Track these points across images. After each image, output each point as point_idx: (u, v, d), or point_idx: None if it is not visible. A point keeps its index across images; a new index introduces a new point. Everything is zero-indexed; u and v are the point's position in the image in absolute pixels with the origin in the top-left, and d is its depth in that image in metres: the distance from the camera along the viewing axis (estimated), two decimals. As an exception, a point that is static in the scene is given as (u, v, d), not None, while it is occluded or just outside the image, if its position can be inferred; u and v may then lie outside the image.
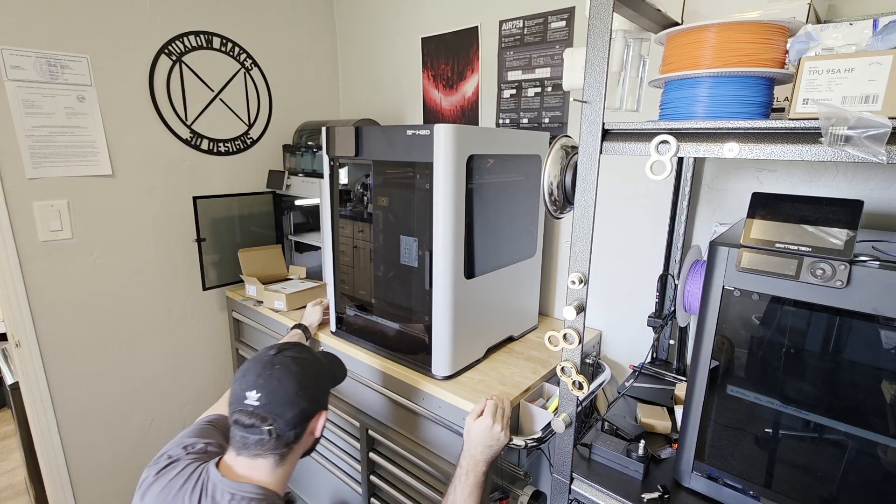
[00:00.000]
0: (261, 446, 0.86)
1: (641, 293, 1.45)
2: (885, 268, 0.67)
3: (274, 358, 0.91)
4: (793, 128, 0.65)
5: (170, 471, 0.89)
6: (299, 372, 0.90)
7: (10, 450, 2.60)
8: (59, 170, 1.58)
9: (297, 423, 0.88)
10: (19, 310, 1.55)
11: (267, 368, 0.89)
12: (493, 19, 1.68)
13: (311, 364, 0.94)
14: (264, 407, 0.85)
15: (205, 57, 1.87)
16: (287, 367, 0.90)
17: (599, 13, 0.74)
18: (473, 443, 1.02)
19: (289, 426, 0.87)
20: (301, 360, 0.93)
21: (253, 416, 0.85)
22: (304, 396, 0.89)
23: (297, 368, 0.90)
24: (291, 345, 0.98)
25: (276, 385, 0.87)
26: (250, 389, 0.86)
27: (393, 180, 1.31)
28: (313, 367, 0.94)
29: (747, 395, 0.82)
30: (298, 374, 0.90)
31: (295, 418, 0.87)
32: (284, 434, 0.87)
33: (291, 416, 0.87)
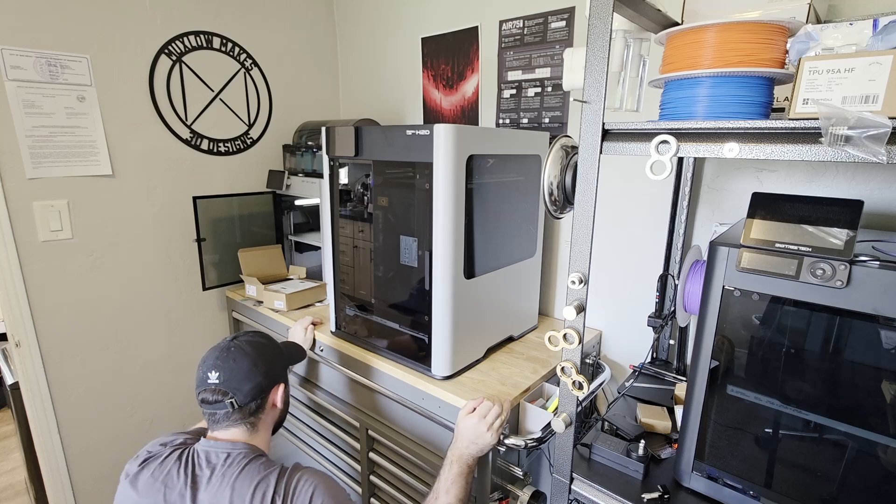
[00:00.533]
0: (228, 419, 0.99)
1: (641, 293, 1.45)
2: (885, 268, 0.67)
3: (230, 343, 1.04)
4: (793, 128, 0.65)
5: (153, 461, 0.97)
6: (252, 352, 1.03)
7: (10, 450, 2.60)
8: (59, 170, 1.58)
9: (256, 395, 1.00)
10: (19, 310, 1.55)
11: (224, 352, 1.02)
12: (493, 19, 1.68)
13: (263, 345, 1.07)
14: (224, 384, 0.98)
15: (205, 57, 1.87)
16: (241, 348, 1.03)
17: (599, 13, 0.74)
18: (460, 436, 1.07)
19: (247, 397, 0.99)
20: (254, 342, 1.06)
21: (216, 393, 0.98)
22: (258, 371, 1.01)
23: (251, 349, 1.03)
24: (247, 332, 1.10)
25: (233, 364, 1.00)
26: (210, 371, 0.99)
27: (393, 180, 1.31)
28: (265, 348, 1.07)
29: (747, 395, 0.82)
30: (252, 354, 1.03)
31: (252, 391, 1.00)
32: (246, 405, 0.99)
33: (248, 388, 0.99)
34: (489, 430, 1.04)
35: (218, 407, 0.98)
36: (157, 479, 0.93)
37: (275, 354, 1.09)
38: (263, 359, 1.04)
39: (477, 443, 1.05)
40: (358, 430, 1.45)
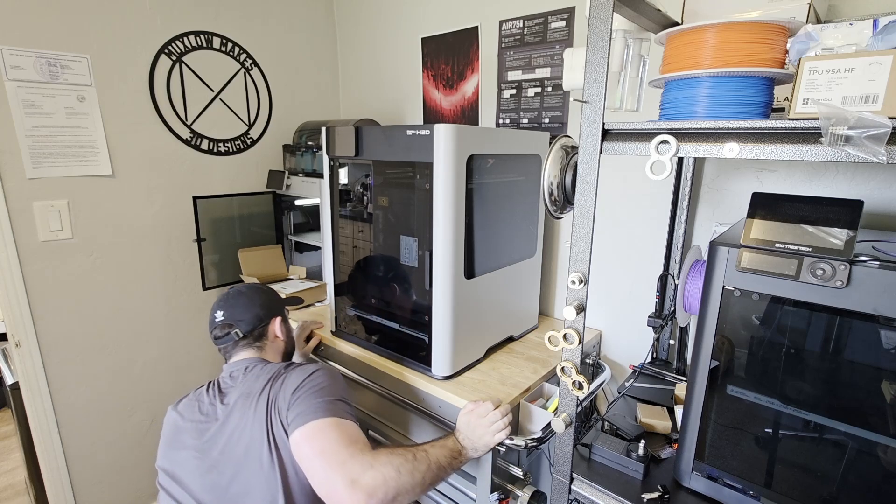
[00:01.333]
0: (237, 346, 1.16)
1: (641, 293, 1.45)
2: (885, 268, 0.67)
3: (230, 290, 1.24)
4: (793, 128, 0.65)
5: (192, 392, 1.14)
6: (248, 291, 1.23)
7: (10, 450, 2.60)
8: (59, 170, 1.58)
9: (256, 323, 1.17)
10: (19, 310, 1.55)
11: (226, 295, 1.21)
12: (493, 19, 1.68)
13: (258, 287, 1.26)
14: (228, 318, 1.16)
15: (205, 57, 1.87)
16: (239, 290, 1.22)
17: (599, 13, 0.74)
18: (461, 429, 1.08)
19: (249, 325, 1.16)
20: (251, 286, 1.26)
21: (223, 328, 1.16)
22: (255, 304, 1.19)
23: (247, 290, 1.23)
24: (244, 283, 1.30)
25: (234, 301, 1.19)
26: (217, 311, 1.18)
27: (393, 180, 1.31)
28: (260, 289, 1.26)
29: (747, 395, 0.82)
30: (248, 293, 1.22)
31: (252, 319, 1.17)
32: (249, 332, 1.16)
33: (249, 317, 1.17)
34: (487, 430, 1.04)
35: (227, 339, 1.15)
36: (193, 400, 1.10)
37: (269, 294, 1.27)
38: (259, 296, 1.22)
39: (472, 439, 1.05)
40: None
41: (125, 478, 1.85)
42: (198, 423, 1.05)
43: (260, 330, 1.18)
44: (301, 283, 1.88)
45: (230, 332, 1.15)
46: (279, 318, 1.23)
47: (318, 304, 1.82)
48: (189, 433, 1.05)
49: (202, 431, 1.03)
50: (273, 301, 1.25)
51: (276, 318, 1.22)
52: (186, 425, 1.06)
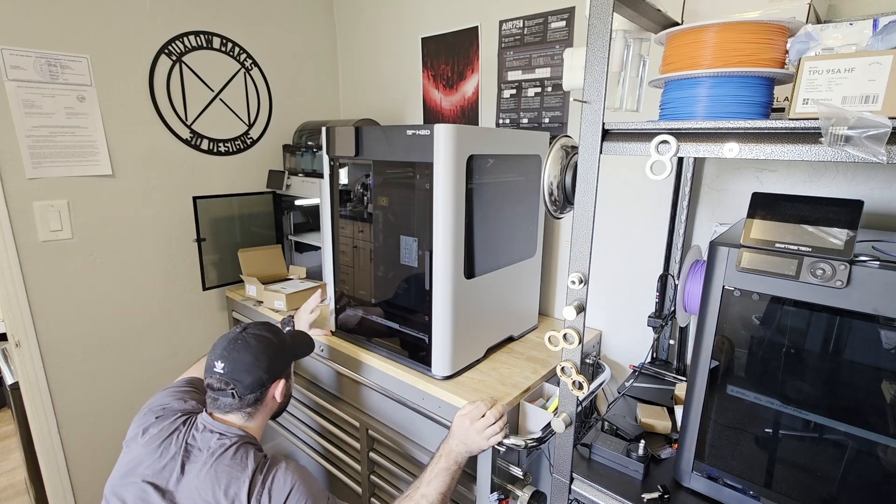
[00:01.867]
0: (229, 406, 1.05)
1: (641, 293, 1.45)
2: (885, 268, 0.67)
3: (238, 335, 1.09)
4: (793, 128, 0.65)
5: (164, 419, 1.06)
6: (256, 346, 1.07)
7: (10, 450, 2.60)
8: (59, 170, 1.58)
9: (255, 388, 1.05)
10: (19, 310, 1.55)
11: (231, 343, 1.07)
12: (493, 19, 1.68)
13: (268, 340, 1.10)
14: (227, 374, 1.04)
15: (205, 57, 1.87)
16: (246, 342, 1.07)
17: (599, 13, 0.74)
18: (453, 433, 1.09)
19: (247, 390, 1.04)
20: (260, 336, 1.10)
21: (220, 382, 1.04)
22: (259, 366, 1.06)
23: (255, 343, 1.08)
24: (257, 324, 1.14)
25: (237, 356, 1.05)
26: (217, 360, 1.05)
27: (393, 180, 1.31)
28: (270, 343, 1.10)
29: (747, 395, 0.82)
30: (256, 348, 1.07)
31: (253, 384, 1.05)
32: (245, 396, 1.05)
33: (249, 382, 1.04)
34: (479, 435, 1.05)
35: (221, 394, 1.04)
36: (159, 439, 1.01)
37: (278, 350, 1.11)
38: (266, 353, 1.08)
39: (466, 443, 1.06)
40: (358, 430, 1.45)
41: (125, 478, 1.85)
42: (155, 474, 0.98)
43: (258, 395, 1.06)
44: (301, 283, 1.88)
45: (225, 391, 1.04)
46: (283, 381, 1.12)
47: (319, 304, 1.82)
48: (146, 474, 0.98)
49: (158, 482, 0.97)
50: (281, 359, 1.12)
51: (279, 381, 1.11)
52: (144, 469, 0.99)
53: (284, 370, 1.13)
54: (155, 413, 1.08)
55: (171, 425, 1.04)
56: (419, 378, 1.26)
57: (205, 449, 0.99)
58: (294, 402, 1.70)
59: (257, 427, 1.10)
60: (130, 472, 1.00)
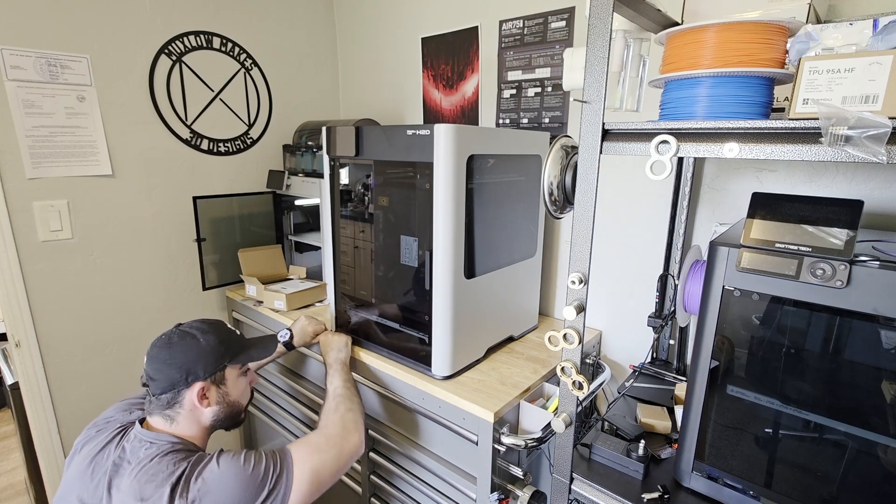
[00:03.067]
0: (150, 404, 1.01)
1: (641, 293, 1.45)
2: (885, 268, 0.67)
3: (170, 330, 1.06)
4: (793, 128, 0.65)
5: (102, 431, 1.02)
6: (178, 343, 1.02)
7: (10, 450, 2.60)
8: (59, 170, 1.58)
9: (166, 389, 0.99)
10: (19, 310, 1.55)
11: (158, 339, 1.04)
12: (493, 19, 1.68)
13: (190, 339, 1.03)
14: (146, 371, 1.01)
15: (205, 57, 1.87)
16: (169, 339, 1.03)
17: (599, 13, 0.74)
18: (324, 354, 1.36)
19: (159, 389, 0.99)
20: (186, 334, 1.04)
21: (143, 377, 1.02)
22: (171, 365, 1.00)
23: (177, 340, 1.03)
24: (196, 320, 1.09)
25: (156, 353, 1.01)
26: (147, 355, 1.03)
27: (393, 180, 1.31)
28: (191, 342, 1.03)
29: (747, 395, 0.82)
30: (176, 346, 1.02)
31: (163, 382, 0.99)
32: (158, 396, 1.00)
33: (160, 379, 0.99)
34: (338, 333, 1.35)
35: (146, 392, 1.02)
36: (91, 455, 0.97)
37: (201, 351, 1.02)
38: (185, 352, 1.01)
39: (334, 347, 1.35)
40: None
41: (125, 478, 1.85)
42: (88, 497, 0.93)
43: (171, 396, 0.99)
44: (301, 283, 1.88)
45: (147, 388, 1.00)
46: (202, 385, 1.01)
47: (318, 304, 1.82)
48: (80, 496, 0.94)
49: None
50: (204, 359, 1.02)
51: (196, 385, 1.00)
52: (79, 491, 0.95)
53: (208, 373, 1.02)
54: (97, 427, 1.03)
55: (105, 439, 0.99)
56: (419, 378, 1.26)
57: (133, 461, 0.93)
58: (294, 401, 1.70)
59: (192, 434, 1.01)
60: (66, 494, 0.96)
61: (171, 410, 1.00)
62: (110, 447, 0.97)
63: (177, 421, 1.01)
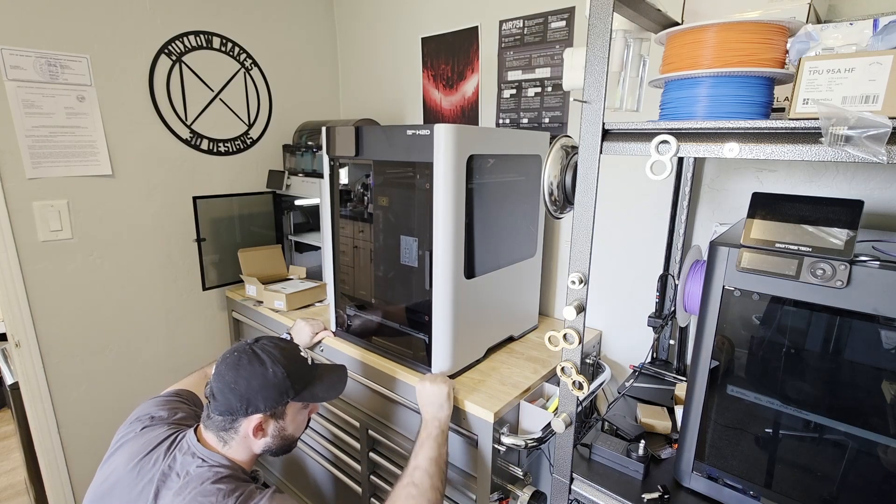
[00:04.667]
0: (207, 418, 0.96)
1: (641, 293, 1.45)
2: (885, 268, 0.67)
3: (243, 345, 0.98)
4: (793, 128, 0.65)
5: (150, 430, 0.99)
6: (246, 368, 0.94)
7: (10, 450, 2.60)
8: (59, 170, 1.58)
9: (224, 412, 0.93)
10: (19, 310, 1.55)
11: (231, 352, 0.97)
12: (493, 19, 1.68)
13: (259, 366, 0.95)
14: (211, 385, 0.95)
15: (205, 57, 1.87)
16: (240, 357, 0.95)
17: (599, 13, 0.74)
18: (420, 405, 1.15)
19: (217, 410, 0.93)
20: (256, 357, 0.96)
21: (207, 388, 0.96)
22: (233, 393, 0.92)
23: (246, 363, 0.95)
24: (270, 343, 1.00)
25: (223, 369, 0.95)
26: (215, 367, 0.96)
27: (393, 180, 1.31)
28: (259, 370, 0.94)
29: (747, 395, 0.82)
30: (244, 370, 0.94)
31: (222, 406, 0.93)
32: (214, 417, 0.94)
33: (221, 401, 0.93)
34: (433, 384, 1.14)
35: (207, 404, 0.96)
36: (138, 455, 0.95)
37: (267, 383, 0.94)
38: (247, 381, 0.93)
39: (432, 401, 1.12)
40: (358, 430, 1.45)
41: (125, 478, 1.85)
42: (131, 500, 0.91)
43: (228, 422, 0.93)
44: (301, 283, 1.88)
45: (209, 401, 0.95)
46: (260, 417, 0.94)
47: (318, 304, 1.82)
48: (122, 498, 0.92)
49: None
50: (267, 393, 0.94)
51: (254, 417, 0.93)
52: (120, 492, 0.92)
53: (269, 407, 0.94)
54: (142, 423, 1.01)
55: (154, 440, 0.97)
56: (419, 378, 1.26)
57: (182, 474, 0.91)
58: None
59: (241, 459, 0.97)
60: (107, 493, 0.94)
61: (226, 434, 0.95)
62: (159, 452, 0.94)
63: (229, 444, 0.95)
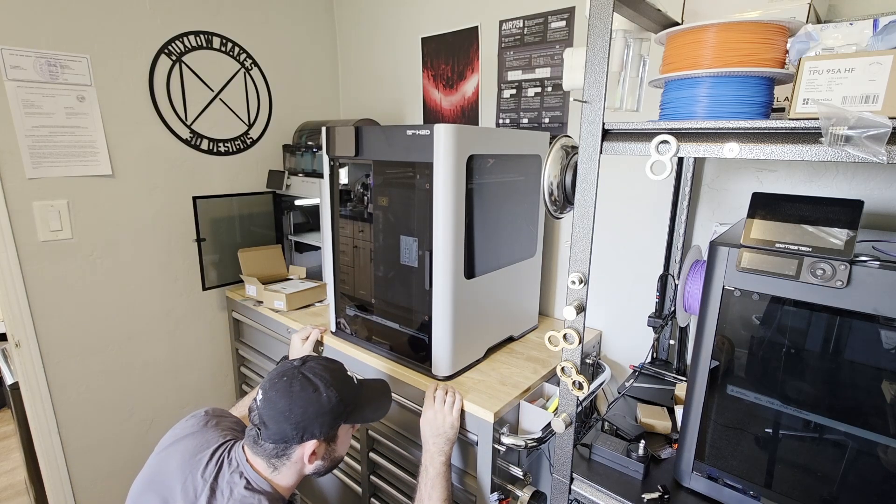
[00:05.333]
0: (255, 444, 0.94)
1: (641, 293, 1.45)
2: (885, 268, 0.67)
3: (291, 369, 0.95)
4: (793, 128, 0.65)
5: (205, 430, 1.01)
6: (299, 394, 0.92)
7: (10, 450, 2.60)
8: (59, 170, 1.58)
9: (278, 440, 0.91)
10: (19, 310, 1.55)
11: (279, 376, 0.94)
12: (493, 19, 1.68)
13: (313, 391, 0.93)
14: (259, 411, 0.92)
15: (205, 57, 1.87)
16: (291, 383, 0.93)
17: (599, 13, 0.74)
18: (425, 437, 1.11)
19: (269, 439, 0.91)
20: (308, 382, 0.94)
21: (253, 415, 0.94)
22: (287, 420, 0.91)
23: (299, 390, 0.92)
24: (319, 361, 1.00)
25: (273, 396, 0.92)
26: (261, 389, 0.94)
27: (393, 180, 1.31)
28: (313, 396, 0.93)
29: (747, 395, 0.82)
30: (296, 396, 0.92)
31: (276, 434, 0.91)
32: (265, 443, 0.92)
33: (274, 430, 0.91)
34: (441, 414, 1.10)
35: (252, 428, 0.94)
36: (194, 456, 0.96)
37: (322, 408, 0.93)
38: (303, 409, 0.91)
39: (439, 433, 1.09)
40: (358, 430, 1.45)
41: (125, 478, 1.85)
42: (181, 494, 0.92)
43: (281, 448, 0.92)
44: (301, 283, 1.88)
45: (255, 426, 0.93)
46: (315, 442, 0.93)
47: (318, 304, 1.82)
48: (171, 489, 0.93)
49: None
50: (323, 418, 0.93)
51: (309, 443, 0.93)
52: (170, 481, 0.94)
53: (324, 432, 0.94)
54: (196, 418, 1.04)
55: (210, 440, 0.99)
56: (419, 378, 1.26)
57: (227, 494, 0.91)
58: None
59: (288, 484, 0.97)
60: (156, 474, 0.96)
61: (277, 461, 0.94)
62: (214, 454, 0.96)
63: (279, 471, 0.95)
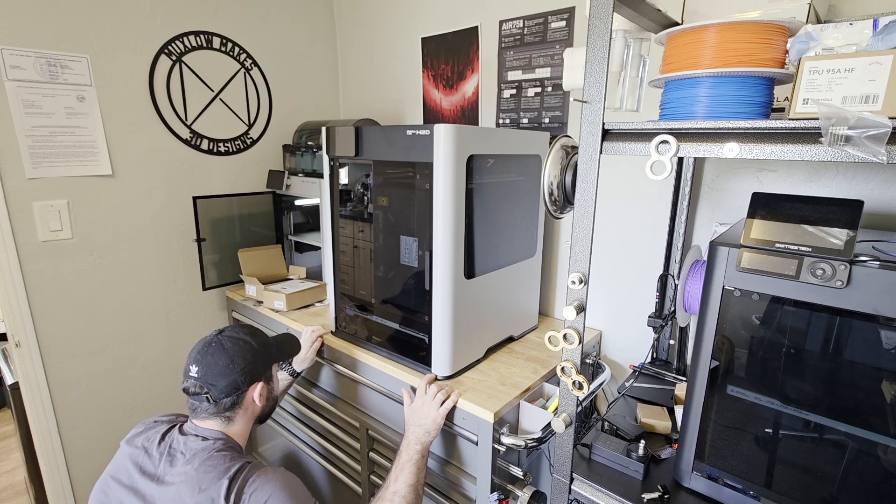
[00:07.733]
0: (206, 411, 1.04)
1: (641, 293, 1.45)
2: (885, 268, 0.67)
3: (213, 338, 1.08)
4: (793, 128, 0.65)
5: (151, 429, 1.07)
6: (232, 349, 1.06)
7: (10, 450, 2.60)
8: (59, 170, 1.58)
9: (230, 392, 1.04)
10: (19, 310, 1.55)
11: (206, 346, 1.06)
12: (493, 19, 1.68)
13: (244, 343, 1.08)
14: (201, 378, 1.03)
15: (205, 57, 1.87)
16: (221, 344, 1.06)
17: (599, 13, 0.74)
18: (407, 424, 1.16)
19: (222, 394, 1.03)
20: (236, 339, 1.08)
21: (195, 386, 1.03)
22: (234, 369, 1.04)
23: (231, 346, 1.06)
24: (235, 327, 1.14)
25: (211, 360, 1.04)
26: (192, 364, 1.04)
27: (393, 180, 1.31)
28: (246, 346, 1.08)
29: (747, 395, 0.82)
30: (231, 351, 1.06)
31: (227, 387, 1.03)
32: (220, 400, 1.04)
33: (223, 385, 1.03)
34: (428, 408, 1.14)
35: (197, 399, 1.04)
36: (143, 443, 1.03)
37: (256, 352, 1.09)
38: (242, 356, 1.06)
39: (420, 424, 1.13)
40: (358, 430, 1.45)
41: (125, 478, 1.85)
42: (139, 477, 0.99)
43: (234, 398, 1.05)
44: (301, 283, 1.88)
45: (200, 395, 1.03)
46: (261, 384, 1.10)
47: (318, 304, 1.82)
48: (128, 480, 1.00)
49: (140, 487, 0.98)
50: (259, 361, 1.10)
51: (257, 385, 1.09)
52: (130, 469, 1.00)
53: (263, 373, 1.11)
54: (145, 425, 1.10)
55: (158, 430, 1.05)
56: (419, 378, 1.26)
57: (187, 452, 0.99)
58: (294, 402, 1.70)
59: (240, 432, 1.08)
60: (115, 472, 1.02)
61: (230, 412, 1.06)
62: (164, 437, 1.04)
63: (233, 421, 1.07)
